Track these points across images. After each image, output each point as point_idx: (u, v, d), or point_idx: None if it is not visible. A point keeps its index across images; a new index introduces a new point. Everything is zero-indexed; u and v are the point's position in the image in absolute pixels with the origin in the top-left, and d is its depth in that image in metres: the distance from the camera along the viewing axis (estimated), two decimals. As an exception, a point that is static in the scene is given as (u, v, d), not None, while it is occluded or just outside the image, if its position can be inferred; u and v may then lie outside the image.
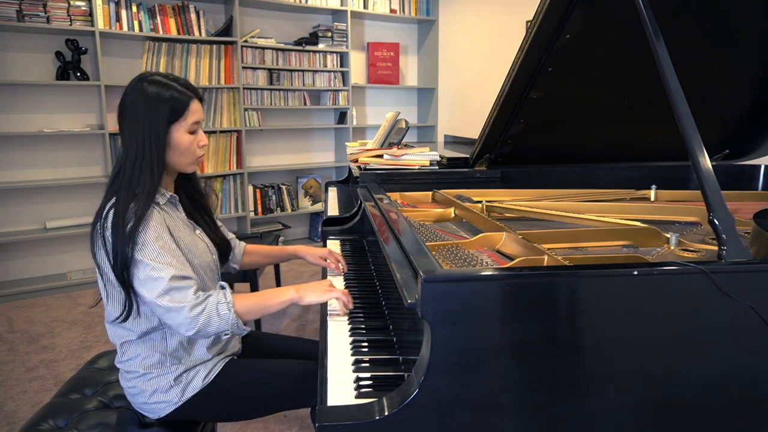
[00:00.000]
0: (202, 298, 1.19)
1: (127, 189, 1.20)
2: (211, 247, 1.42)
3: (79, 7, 3.45)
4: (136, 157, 1.21)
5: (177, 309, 1.16)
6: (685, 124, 1.04)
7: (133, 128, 1.22)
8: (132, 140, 1.22)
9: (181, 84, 1.26)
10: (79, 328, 3.05)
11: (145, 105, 1.21)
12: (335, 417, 0.83)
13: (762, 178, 1.98)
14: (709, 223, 0.95)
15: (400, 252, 1.03)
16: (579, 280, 0.85)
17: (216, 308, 1.19)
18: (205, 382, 1.30)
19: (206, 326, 1.18)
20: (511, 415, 0.85)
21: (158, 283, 1.16)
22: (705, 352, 0.89)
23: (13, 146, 3.54)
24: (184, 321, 1.16)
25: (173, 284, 1.16)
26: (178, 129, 1.24)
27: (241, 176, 4.26)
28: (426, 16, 4.90)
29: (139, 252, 1.17)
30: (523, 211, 1.53)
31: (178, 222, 1.31)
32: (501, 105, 1.65)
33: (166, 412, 1.29)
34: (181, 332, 1.19)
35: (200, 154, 1.31)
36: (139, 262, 1.17)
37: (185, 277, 1.19)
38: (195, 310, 1.17)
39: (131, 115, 1.22)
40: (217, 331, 1.20)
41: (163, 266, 1.17)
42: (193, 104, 1.26)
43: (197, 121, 1.27)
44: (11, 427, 2.11)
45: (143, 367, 1.27)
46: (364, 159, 1.98)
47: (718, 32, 1.51)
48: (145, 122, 1.21)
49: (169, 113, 1.22)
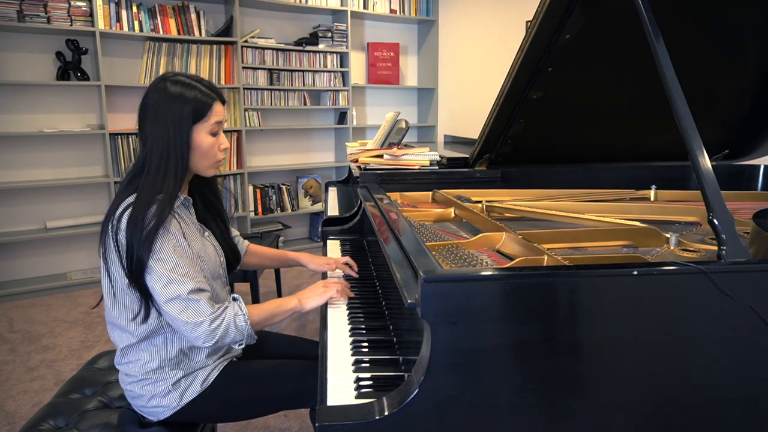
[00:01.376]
0: (219, 310, 1.19)
1: (150, 190, 1.17)
2: (219, 251, 1.39)
3: (80, 8, 3.45)
4: (161, 158, 1.19)
5: (196, 323, 1.16)
6: (685, 124, 1.04)
7: (157, 128, 1.19)
8: (155, 141, 1.19)
9: (204, 85, 1.24)
10: (80, 328, 3.05)
11: (167, 105, 1.19)
12: (335, 417, 0.83)
13: (762, 178, 1.98)
14: (709, 223, 0.95)
15: (400, 252, 1.03)
16: (579, 280, 0.85)
17: (234, 320, 1.20)
18: (204, 386, 1.29)
19: (224, 338, 1.20)
20: (511, 415, 0.85)
21: (176, 297, 1.15)
22: (705, 352, 0.89)
23: (13, 146, 3.54)
24: (202, 333, 1.17)
25: (191, 297, 1.16)
26: (200, 130, 1.22)
27: (241, 176, 4.27)
28: (426, 16, 4.90)
29: (156, 261, 1.15)
30: (523, 211, 1.53)
31: (190, 226, 1.30)
32: (501, 105, 1.65)
33: (165, 415, 1.28)
34: (197, 344, 1.19)
35: (221, 158, 1.28)
36: (156, 273, 1.15)
37: (201, 289, 1.19)
38: (214, 323, 1.17)
39: (154, 114, 1.20)
40: (233, 341, 1.22)
41: (181, 279, 1.15)
42: (216, 105, 1.24)
43: (219, 122, 1.25)
44: (11, 427, 2.11)
45: (141, 372, 1.26)
46: (364, 159, 1.98)
47: (717, 32, 1.51)
48: (168, 122, 1.19)
49: (192, 114, 1.20)
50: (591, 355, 0.86)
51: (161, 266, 1.15)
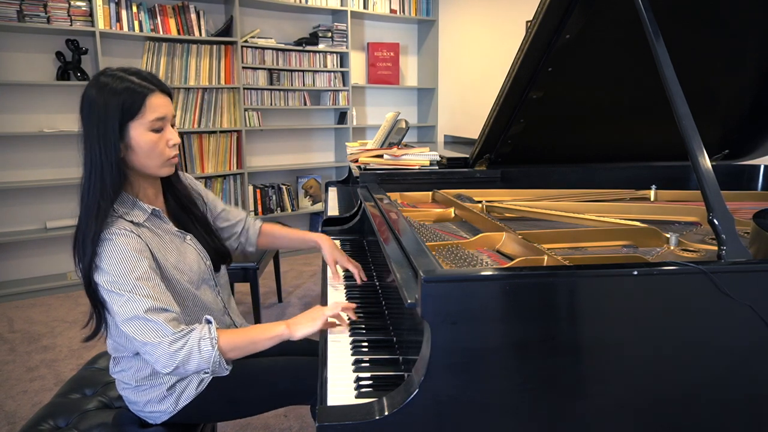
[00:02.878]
0: (182, 333, 1.08)
1: (86, 207, 1.08)
2: (204, 254, 1.32)
3: (80, 8, 3.45)
4: (92, 165, 1.08)
5: (154, 344, 1.06)
6: (685, 124, 1.04)
7: (86, 130, 1.09)
8: (85, 146, 1.09)
9: (140, 77, 1.11)
10: (80, 328, 3.05)
11: (96, 102, 1.08)
12: (335, 417, 0.83)
13: (762, 178, 1.98)
14: (709, 223, 0.95)
15: (400, 252, 1.03)
16: (579, 280, 0.85)
17: (198, 344, 1.08)
18: (199, 390, 1.27)
19: (185, 363, 1.08)
20: (511, 415, 0.85)
21: (133, 317, 1.06)
22: (704, 352, 0.89)
23: (13, 146, 3.54)
24: (162, 356, 1.06)
25: (149, 317, 1.06)
26: (137, 127, 1.10)
27: (241, 176, 4.27)
28: (426, 16, 4.90)
29: (108, 282, 1.07)
30: (523, 211, 1.53)
31: (165, 238, 1.22)
32: (501, 105, 1.65)
33: (163, 419, 1.28)
34: (158, 368, 1.08)
35: (170, 155, 1.17)
36: (110, 293, 1.07)
37: (164, 309, 1.09)
38: (174, 346, 1.06)
39: (86, 113, 1.09)
40: (197, 369, 1.10)
41: (138, 298, 1.06)
42: (153, 98, 1.11)
43: (160, 117, 1.12)
44: (11, 427, 2.11)
45: (135, 379, 1.25)
46: (364, 159, 1.98)
47: (717, 32, 1.51)
48: (96, 122, 1.08)
49: (120, 110, 1.08)
50: (591, 355, 0.86)
51: (113, 286, 1.07)
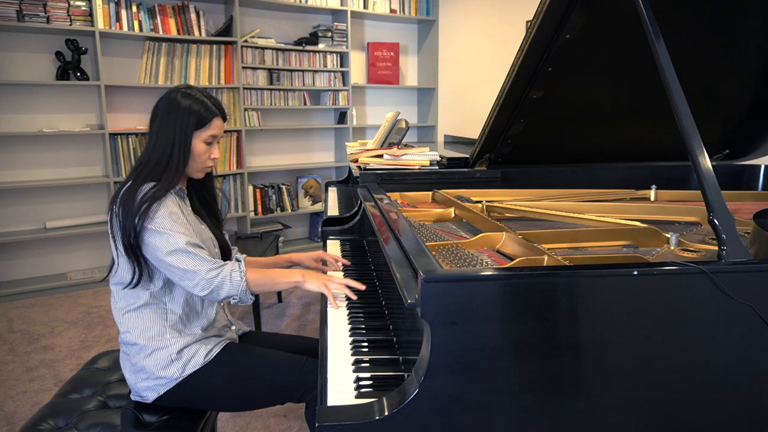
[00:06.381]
0: (219, 264, 1.33)
1: (147, 176, 1.34)
2: (215, 241, 1.50)
3: (79, 7, 3.45)
4: (163, 153, 1.37)
5: (195, 272, 1.29)
6: (685, 124, 1.04)
7: (164, 128, 1.38)
8: (162, 139, 1.37)
9: (212, 101, 1.43)
10: (79, 328, 3.05)
11: (177, 110, 1.37)
12: (335, 417, 0.83)
13: (762, 178, 1.98)
14: (709, 223, 0.95)
15: (400, 252, 1.03)
16: (579, 280, 0.85)
17: (230, 274, 1.33)
18: (207, 359, 1.36)
19: (219, 288, 1.32)
20: (510, 415, 0.85)
21: (176, 249, 1.29)
22: (705, 352, 0.89)
23: (13, 146, 3.53)
24: (200, 282, 1.30)
25: (189, 249, 1.30)
26: (197, 137, 1.40)
27: (241, 176, 4.26)
28: (426, 16, 4.90)
29: (153, 223, 1.29)
30: (523, 211, 1.53)
31: (186, 212, 1.43)
32: (501, 105, 1.65)
33: (166, 389, 1.32)
34: (195, 292, 1.31)
35: (209, 165, 1.46)
36: (153, 232, 1.29)
37: (199, 245, 1.33)
38: (211, 273, 1.31)
39: (164, 116, 1.38)
40: (228, 295, 1.33)
41: (178, 234, 1.30)
42: (216, 120, 1.42)
43: (215, 135, 1.42)
44: (11, 427, 2.11)
45: (144, 338, 1.34)
46: (364, 159, 1.98)
47: (717, 32, 1.51)
48: (175, 125, 1.37)
49: (197, 117, 1.38)
50: (591, 355, 0.86)
51: (157, 225, 1.29)
